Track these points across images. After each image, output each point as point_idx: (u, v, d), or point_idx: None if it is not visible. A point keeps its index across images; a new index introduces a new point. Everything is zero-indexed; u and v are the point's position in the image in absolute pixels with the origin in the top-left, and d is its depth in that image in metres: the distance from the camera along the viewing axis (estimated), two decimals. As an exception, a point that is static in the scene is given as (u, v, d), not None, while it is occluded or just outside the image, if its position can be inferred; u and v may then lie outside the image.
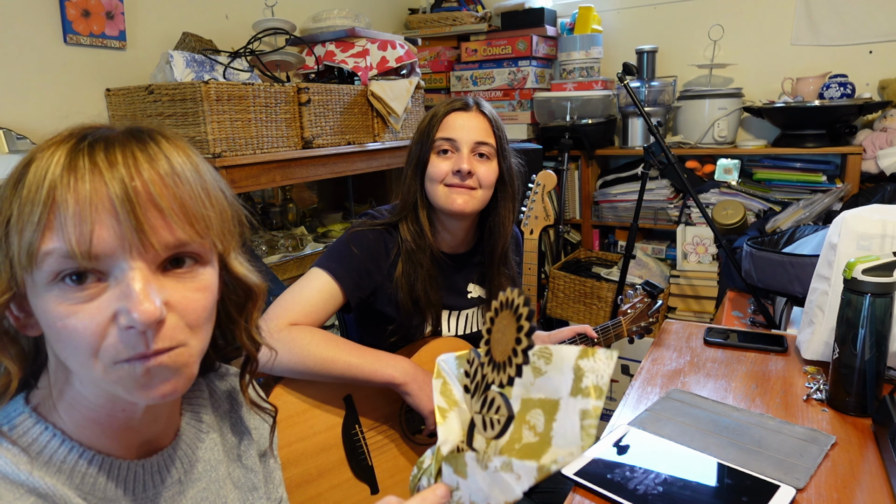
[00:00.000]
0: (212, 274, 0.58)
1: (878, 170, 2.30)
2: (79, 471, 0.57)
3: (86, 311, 0.50)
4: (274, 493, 0.79)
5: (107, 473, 0.58)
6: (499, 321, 0.53)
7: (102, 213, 0.50)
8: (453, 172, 1.22)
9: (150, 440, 0.63)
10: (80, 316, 0.50)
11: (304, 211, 2.48)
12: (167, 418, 0.65)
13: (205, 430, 0.70)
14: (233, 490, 0.71)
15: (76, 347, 0.51)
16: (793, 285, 1.65)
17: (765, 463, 0.89)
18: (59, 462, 0.56)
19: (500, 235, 1.32)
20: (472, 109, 1.26)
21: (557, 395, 0.52)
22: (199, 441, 0.68)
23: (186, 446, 0.67)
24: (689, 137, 2.69)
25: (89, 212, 0.49)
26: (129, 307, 0.50)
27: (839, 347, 1.03)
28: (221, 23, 2.13)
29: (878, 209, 1.15)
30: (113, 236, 0.50)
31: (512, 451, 0.52)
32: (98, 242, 0.49)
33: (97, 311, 0.50)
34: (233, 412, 0.75)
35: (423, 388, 1.17)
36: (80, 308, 0.50)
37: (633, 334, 1.47)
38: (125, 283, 0.50)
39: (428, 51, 3.03)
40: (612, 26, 2.99)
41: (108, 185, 0.50)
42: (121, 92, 1.68)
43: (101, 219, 0.50)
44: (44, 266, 0.50)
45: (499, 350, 0.52)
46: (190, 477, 0.66)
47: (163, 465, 0.63)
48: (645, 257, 2.73)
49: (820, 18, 2.57)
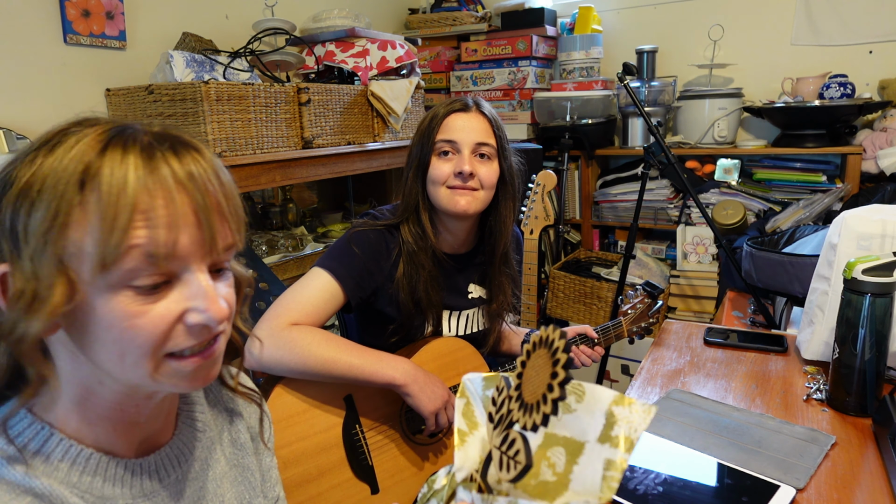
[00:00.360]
0: (231, 276, 0.62)
1: (878, 170, 2.30)
2: (75, 470, 0.57)
3: (155, 311, 0.53)
4: (270, 491, 0.79)
5: (104, 472, 0.58)
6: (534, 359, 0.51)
7: (188, 220, 0.54)
8: (455, 174, 1.21)
9: (149, 437, 0.64)
10: (150, 315, 0.53)
11: (304, 211, 2.48)
12: (167, 415, 0.66)
13: (200, 429, 0.70)
14: (230, 489, 0.71)
15: (138, 346, 0.53)
16: (793, 285, 1.65)
17: (765, 463, 0.89)
18: (56, 461, 0.56)
19: (500, 235, 1.31)
20: (472, 110, 1.26)
21: (584, 437, 0.49)
22: (195, 440, 0.69)
23: (183, 445, 0.67)
24: (689, 137, 2.69)
25: (177, 218, 0.53)
26: (205, 306, 0.54)
27: (839, 347, 1.03)
28: (221, 23, 2.13)
29: (878, 209, 1.15)
30: (191, 241, 0.54)
31: (527, 487, 0.50)
32: (181, 247, 0.53)
33: (166, 311, 0.54)
34: (227, 410, 0.76)
35: (423, 390, 1.17)
36: (150, 308, 0.53)
37: (633, 335, 1.47)
38: (195, 285, 0.55)
39: (428, 51, 3.03)
40: (612, 26, 2.99)
41: (189, 192, 0.54)
42: (121, 92, 1.68)
43: (186, 225, 0.53)
44: (123, 269, 0.51)
45: (529, 390, 0.50)
46: (187, 476, 0.66)
47: (160, 464, 0.64)
48: (645, 257, 2.73)
49: (820, 18, 2.57)
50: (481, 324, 1.39)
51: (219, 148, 1.59)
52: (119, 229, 0.50)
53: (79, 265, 0.51)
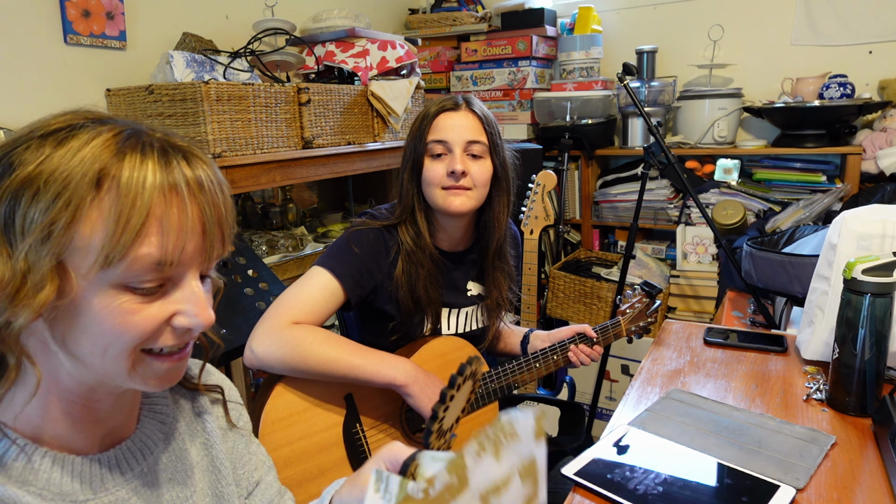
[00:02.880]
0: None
1: (877, 170, 2.30)
2: (29, 469, 0.56)
3: (148, 311, 0.55)
4: (247, 477, 0.78)
5: (60, 469, 0.58)
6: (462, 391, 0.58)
7: (196, 230, 0.56)
8: (448, 174, 1.22)
9: (111, 431, 0.64)
10: (143, 314, 0.55)
11: (304, 211, 2.48)
12: (129, 410, 0.66)
13: (165, 422, 0.70)
14: (200, 479, 0.71)
15: (125, 341, 0.55)
16: (793, 285, 1.65)
17: (765, 463, 0.89)
18: (10, 461, 0.56)
19: (494, 230, 1.32)
20: (462, 108, 1.26)
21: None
22: (160, 433, 0.69)
23: (147, 437, 0.67)
24: (689, 137, 2.69)
25: (187, 226, 0.55)
26: (195, 312, 0.57)
27: (839, 347, 1.03)
28: (221, 23, 2.13)
29: (877, 209, 1.15)
30: (195, 250, 0.56)
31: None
32: (186, 255, 0.56)
33: (158, 312, 0.56)
34: (192, 401, 0.75)
35: (423, 390, 1.17)
36: (143, 307, 0.55)
37: (632, 334, 1.47)
38: (188, 290, 0.57)
39: (428, 51, 3.03)
40: (612, 26, 2.99)
41: (202, 206, 0.56)
42: (121, 92, 1.68)
43: (194, 235, 0.56)
44: (129, 268, 0.53)
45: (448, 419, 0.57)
46: (153, 469, 0.66)
47: (122, 458, 0.64)
48: (645, 257, 2.73)
49: (820, 18, 2.57)
50: (480, 321, 1.40)
51: (219, 148, 1.59)
52: (131, 231, 0.52)
53: (80, 260, 0.52)
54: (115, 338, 0.54)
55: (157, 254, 0.53)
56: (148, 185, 0.53)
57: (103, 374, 0.57)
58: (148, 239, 0.53)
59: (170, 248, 0.54)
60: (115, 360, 0.56)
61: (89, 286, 0.53)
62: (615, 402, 2.58)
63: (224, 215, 0.59)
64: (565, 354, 1.37)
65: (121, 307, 0.54)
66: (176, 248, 0.54)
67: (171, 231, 0.54)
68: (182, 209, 0.54)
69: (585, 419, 1.80)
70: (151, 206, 0.52)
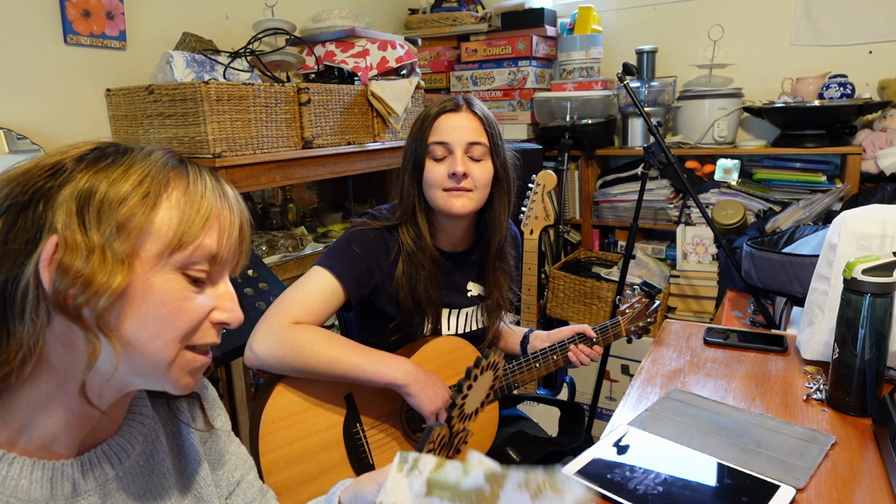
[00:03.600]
0: None
1: (877, 170, 2.30)
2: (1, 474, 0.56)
3: (198, 299, 0.61)
4: (227, 477, 0.78)
5: (30, 475, 0.57)
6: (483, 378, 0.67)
7: (237, 233, 0.64)
8: (449, 176, 1.22)
9: (92, 431, 0.63)
10: (195, 302, 0.60)
11: (304, 211, 2.48)
12: (118, 410, 0.66)
13: (144, 423, 0.70)
14: (177, 481, 0.71)
15: (177, 327, 0.59)
16: (792, 285, 1.65)
17: (765, 463, 0.89)
18: None
19: (495, 231, 1.32)
20: (463, 109, 1.26)
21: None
22: (139, 435, 0.68)
23: (125, 441, 0.66)
24: (689, 137, 2.69)
25: (234, 229, 0.63)
26: (231, 307, 0.63)
27: (839, 347, 1.03)
28: (221, 23, 2.13)
29: (877, 209, 1.15)
30: (233, 253, 0.64)
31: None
32: (229, 254, 0.63)
33: (203, 303, 0.61)
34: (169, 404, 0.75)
35: (424, 390, 1.17)
36: (194, 297, 0.60)
37: (632, 334, 1.47)
38: (225, 288, 0.64)
39: (428, 51, 3.03)
40: (612, 26, 2.99)
41: (242, 215, 0.65)
42: (121, 92, 1.68)
43: (236, 237, 0.64)
44: (192, 254, 0.59)
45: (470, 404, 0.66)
46: (130, 472, 0.66)
47: (96, 462, 0.63)
48: (645, 257, 2.73)
49: (820, 18, 2.57)
50: (480, 321, 1.40)
51: (219, 148, 1.59)
52: (201, 220, 0.59)
53: (153, 244, 0.57)
54: (168, 322, 0.58)
55: (215, 247, 0.61)
56: (208, 187, 0.62)
57: (147, 362, 0.59)
58: (210, 232, 0.60)
59: (223, 244, 0.61)
60: (163, 348, 0.58)
61: (157, 268, 0.58)
62: (615, 402, 2.58)
63: (249, 228, 0.67)
64: (565, 354, 1.37)
65: (178, 292, 0.58)
66: (227, 245, 0.62)
67: (225, 229, 0.62)
68: (231, 213, 0.63)
69: (585, 419, 1.80)
70: (213, 206, 0.61)
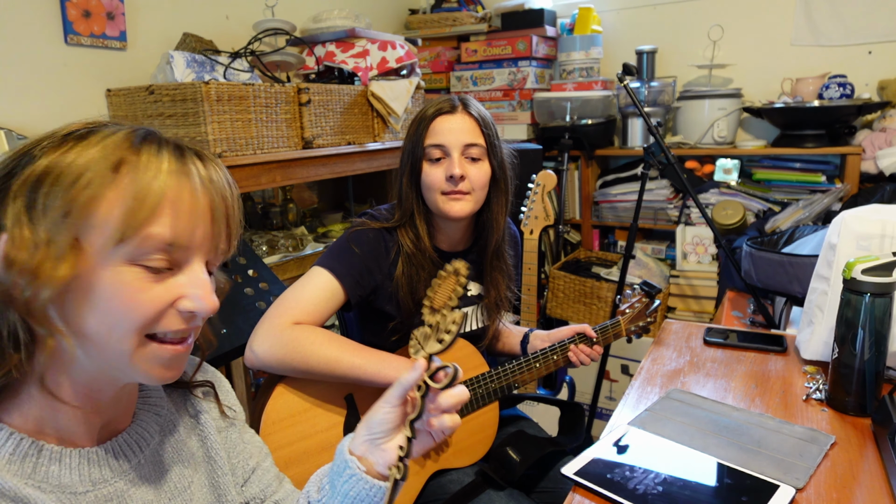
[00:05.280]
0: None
1: (877, 170, 2.31)
2: (28, 462, 0.58)
3: (154, 290, 0.57)
4: (242, 465, 0.79)
5: (58, 462, 0.59)
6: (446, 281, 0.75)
7: (206, 216, 0.60)
8: (446, 178, 1.22)
9: (108, 423, 0.65)
10: (150, 293, 0.57)
11: (304, 211, 2.48)
12: (127, 401, 0.67)
13: (160, 414, 0.71)
14: (196, 470, 0.72)
15: (130, 320, 0.56)
16: (792, 285, 1.65)
17: (764, 463, 0.90)
18: (8, 455, 0.57)
19: (493, 231, 1.32)
20: (459, 110, 1.26)
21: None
22: (156, 425, 0.70)
23: (143, 430, 0.68)
24: (689, 138, 2.69)
25: (196, 211, 0.59)
26: (200, 296, 0.59)
27: (838, 347, 1.03)
28: (222, 23, 2.13)
29: (877, 209, 1.16)
30: (203, 236, 0.60)
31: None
32: (194, 239, 0.59)
33: (164, 293, 0.58)
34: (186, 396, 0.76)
35: (423, 389, 1.17)
36: (150, 287, 0.57)
37: (631, 334, 1.47)
38: (195, 276, 0.59)
39: (428, 51, 3.03)
40: (612, 26, 2.99)
41: (212, 195, 0.60)
42: (121, 92, 1.68)
43: (203, 221, 0.59)
44: (141, 246, 0.56)
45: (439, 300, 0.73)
46: (150, 460, 0.67)
47: (119, 450, 0.65)
48: (645, 257, 2.73)
49: (819, 19, 2.57)
50: (480, 321, 1.40)
51: (219, 148, 1.59)
52: (147, 210, 0.55)
53: (96, 237, 0.55)
54: (122, 315, 0.56)
55: (169, 234, 0.56)
56: (164, 169, 0.57)
57: (108, 356, 0.58)
58: (161, 219, 0.56)
59: (180, 230, 0.57)
60: (120, 340, 0.57)
61: (103, 262, 0.55)
62: (615, 401, 2.58)
63: (232, 211, 0.63)
64: (565, 354, 1.37)
65: (130, 284, 0.56)
66: (186, 231, 0.57)
67: (183, 214, 0.57)
68: (193, 195, 0.58)
69: (585, 419, 1.80)
70: (166, 190, 0.56)
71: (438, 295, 0.73)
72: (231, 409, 0.80)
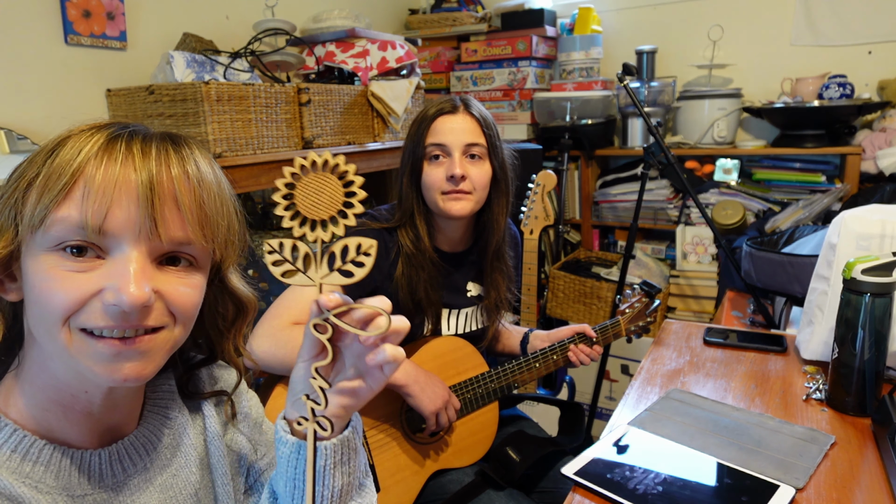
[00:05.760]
0: (202, 279, 0.61)
1: (877, 170, 2.31)
2: (27, 461, 0.56)
3: (74, 279, 0.53)
4: (258, 462, 0.78)
5: (57, 463, 0.58)
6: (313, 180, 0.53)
7: (124, 196, 0.53)
8: (447, 178, 1.22)
9: (111, 428, 0.63)
10: (66, 282, 0.52)
11: (305, 211, 2.47)
12: (129, 406, 0.65)
13: (172, 417, 0.69)
14: (205, 475, 0.71)
15: (50, 311, 0.53)
16: (792, 285, 1.65)
17: (764, 462, 0.90)
18: (9, 452, 0.56)
19: (493, 232, 1.32)
20: (460, 110, 1.26)
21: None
22: (165, 429, 0.68)
23: (150, 433, 0.66)
24: (689, 138, 2.69)
25: (112, 191, 0.52)
26: (119, 286, 0.52)
27: (838, 347, 1.03)
28: (222, 23, 2.13)
29: (877, 209, 1.16)
30: (125, 218, 0.53)
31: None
32: (111, 220, 0.52)
33: (85, 282, 0.53)
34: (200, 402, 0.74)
35: (424, 390, 1.17)
36: (70, 276, 0.53)
37: (631, 333, 1.47)
38: (121, 264, 0.53)
39: (428, 51, 3.03)
40: (612, 27, 2.99)
41: (137, 171, 0.53)
42: (121, 92, 1.68)
43: (120, 200, 0.53)
44: (52, 231, 0.52)
45: (309, 207, 0.53)
46: (155, 464, 0.66)
47: (123, 453, 0.63)
48: (644, 257, 2.73)
49: (819, 19, 2.57)
50: (480, 322, 1.40)
51: (219, 148, 1.59)
52: (52, 192, 0.52)
53: (25, 222, 0.53)
54: (43, 306, 0.53)
55: (77, 216, 0.52)
56: (83, 152, 0.53)
57: (51, 351, 0.56)
58: (68, 202, 0.52)
59: (90, 212, 0.52)
60: (49, 333, 0.54)
61: (29, 249, 0.54)
62: (615, 401, 2.58)
63: (181, 196, 0.55)
64: (565, 354, 1.38)
65: (48, 272, 0.53)
66: (98, 213, 0.52)
67: (93, 193, 0.52)
68: (109, 173, 0.53)
69: (585, 419, 1.80)
70: (82, 171, 0.52)
71: (310, 197, 0.53)
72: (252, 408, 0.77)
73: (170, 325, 0.57)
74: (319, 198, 0.53)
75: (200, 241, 0.57)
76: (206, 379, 0.75)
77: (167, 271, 0.57)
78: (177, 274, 0.57)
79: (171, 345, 0.59)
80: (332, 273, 0.53)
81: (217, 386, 0.76)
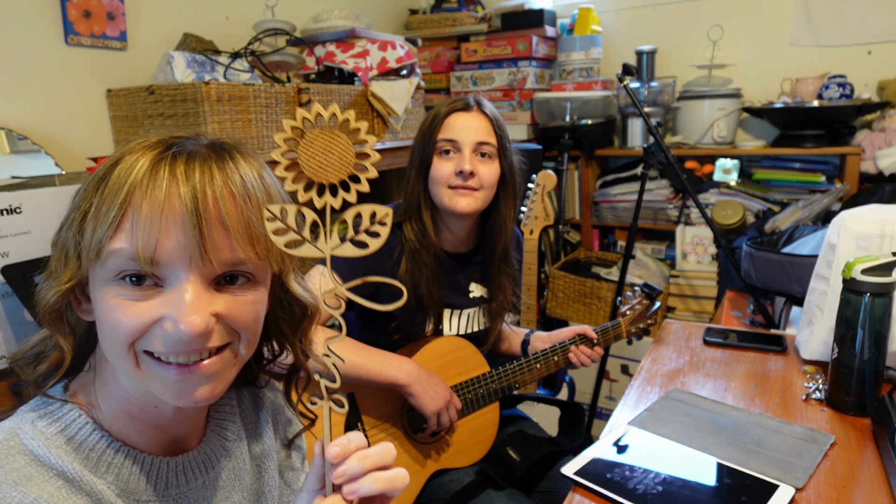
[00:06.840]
0: (262, 293, 0.59)
1: (876, 170, 2.31)
2: (105, 460, 0.58)
3: (135, 308, 0.53)
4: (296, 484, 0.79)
5: (132, 466, 0.59)
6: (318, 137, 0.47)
7: (171, 224, 0.52)
8: (456, 173, 1.22)
9: (176, 440, 0.65)
10: (128, 311, 0.53)
11: (305, 211, 2.47)
12: (195, 421, 0.66)
13: (230, 439, 0.70)
14: (252, 498, 0.72)
15: (116, 338, 0.54)
16: (792, 285, 1.66)
17: (764, 462, 0.90)
18: (88, 450, 0.57)
19: (500, 234, 1.32)
20: (474, 109, 1.27)
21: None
22: (224, 448, 0.69)
23: (210, 451, 0.67)
24: (689, 138, 2.69)
25: (160, 220, 0.51)
26: (177, 316, 0.52)
27: (838, 347, 1.04)
28: (222, 23, 2.13)
29: (876, 209, 1.16)
30: (175, 247, 0.52)
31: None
32: (161, 251, 0.52)
33: (145, 310, 0.53)
34: (258, 421, 0.75)
35: (426, 390, 1.17)
36: (131, 305, 0.53)
37: (632, 335, 1.47)
38: (177, 293, 0.53)
39: (428, 51, 3.03)
40: (612, 27, 2.99)
41: (181, 197, 0.52)
42: (122, 92, 1.68)
43: (168, 229, 0.52)
44: (108, 263, 0.53)
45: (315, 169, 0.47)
46: (213, 483, 0.67)
47: (188, 466, 0.64)
48: (644, 257, 2.73)
49: (819, 19, 2.58)
50: (482, 323, 1.40)
51: (220, 148, 1.59)
52: (105, 224, 0.52)
53: (84, 256, 0.54)
54: (110, 332, 0.54)
55: (128, 248, 0.51)
56: (131, 177, 0.52)
57: (129, 377, 0.57)
58: (119, 234, 0.52)
59: (140, 244, 0.51)
60: (118, 357, 0.55)
61: (94, 282, 0.55)
62: (615, 401, 2.58)
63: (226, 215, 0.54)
64: (566, 355, 1.38)
65: (111, 302, 0.53)
66: (148, 244, 0.51)
67: (141, 225, 0.51)
68: (155, 201, 0.52)
69: (585, 419, 1.80)
70: (129, 201, 0.52)
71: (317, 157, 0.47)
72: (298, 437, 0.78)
73: (234, 342, 0.57)
74: (327, 158, 0.47)
75: (253, 259, 0.56)
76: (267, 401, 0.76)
77: (226, 291, 0.56)
78: (235, 292, 0.56)
79: (237, 361, 0.59)
80: (344, 244, 0.48)
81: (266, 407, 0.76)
